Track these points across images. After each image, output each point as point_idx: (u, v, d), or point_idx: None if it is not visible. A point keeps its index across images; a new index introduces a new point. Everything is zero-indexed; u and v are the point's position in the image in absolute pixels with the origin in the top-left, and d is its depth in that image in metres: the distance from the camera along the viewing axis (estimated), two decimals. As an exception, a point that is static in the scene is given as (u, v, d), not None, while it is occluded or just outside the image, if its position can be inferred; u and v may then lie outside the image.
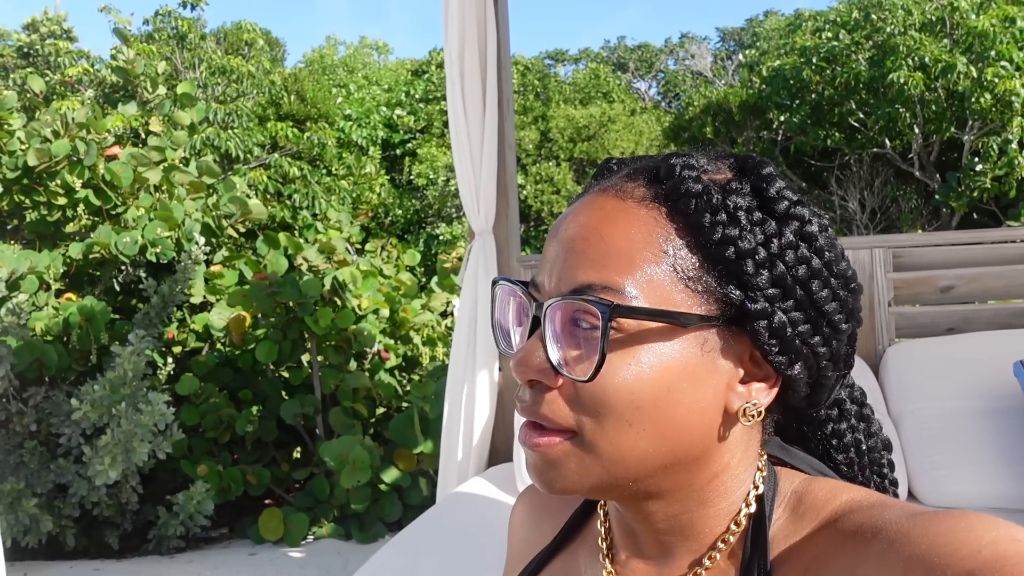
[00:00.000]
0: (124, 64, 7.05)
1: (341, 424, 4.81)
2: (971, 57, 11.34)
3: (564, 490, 0.64)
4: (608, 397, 0.61)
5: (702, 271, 0.62)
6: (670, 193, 0.63)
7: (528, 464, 0.66)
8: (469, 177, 2.82)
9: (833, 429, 0.76)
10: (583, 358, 0.62)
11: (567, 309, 0.63)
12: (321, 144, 10.40)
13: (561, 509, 0.83)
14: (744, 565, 0.65)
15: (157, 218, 5.22)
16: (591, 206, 0.66)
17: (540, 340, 0.63)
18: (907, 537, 0.54)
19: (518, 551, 0.87)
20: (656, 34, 62.95)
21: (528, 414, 0.64)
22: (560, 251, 0.65)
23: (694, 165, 0.65)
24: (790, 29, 17.35)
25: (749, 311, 0.62)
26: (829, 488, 0.66)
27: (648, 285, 0.61)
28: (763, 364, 0.65)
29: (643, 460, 0.62)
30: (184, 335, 5.44)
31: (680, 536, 0.68)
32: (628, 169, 0.69)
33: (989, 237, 2.91)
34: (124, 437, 4.06)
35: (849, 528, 0.59)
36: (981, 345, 2.66)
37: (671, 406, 0.61)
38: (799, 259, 0.63)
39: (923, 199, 13.84)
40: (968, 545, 0.51)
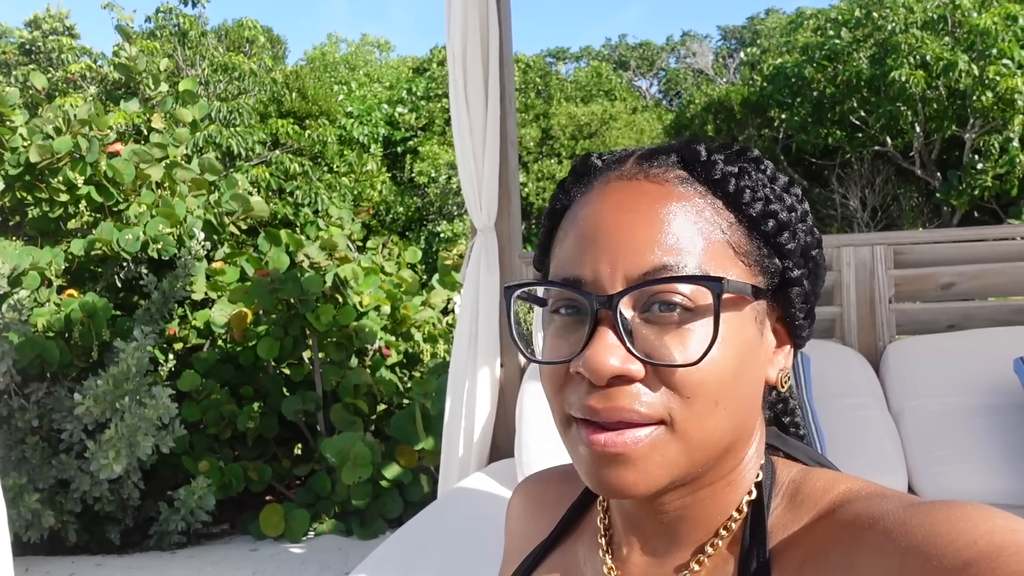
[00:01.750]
0: (126, 61, 7.06)
1: (342, 420, 4.81)
2: (973, 55, 11.33)
3: (644, 491, 0.62)
4: (704, 376, 0.60)
5: (750, 245, 0.64)
6: (706, 173, 0.65)
7: (596, 468, 0.62)
8: (471, 174, 2.82)
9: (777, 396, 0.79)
10: (678, 342, 0.60)
11: (640, 295, 0.61)
12: (322, 141, 10.40)
13: (558, 502, 0.82)
14: (743, 554, 0.65)
15: (159, 215, 5.22)
16: (628, 191, 0.65)
17: (615, 332, 0.60)
18: (904, 527, 0.54)
19: (515, 544, 0.86)
20: (658, 32, 62.89)
21: (609, 414, 0.61)
22: (608, 239, 0.63)
23: (716, 148, 0.67)
24: (791, 27, 17.34)
25: (789, 279, 0.66)
26: (827, 478, 0.66)
27: (715, 263, 0.62)
28: (780, 332, 0.69)
29: (721, 441, 0.63)
30: (186, 332, 5.45)
31: (690, 524, 0.68)
32: (636, 156, 0.69)
33: (990, 234, 2.91)
34: (128, 431, 4.06)
35: (847, 518, 0.60)
36: (981, 342, 2.66)
37: (741, 381, 0.63)
38: (808, 229, 0.68)
39: (924, 197, 13.84)
40: (965, 535, 0.51)
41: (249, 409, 4.98)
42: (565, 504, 0.82)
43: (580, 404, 0.62)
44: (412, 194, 13.36)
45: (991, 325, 2.79)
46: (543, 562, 0.78)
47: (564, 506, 0.81)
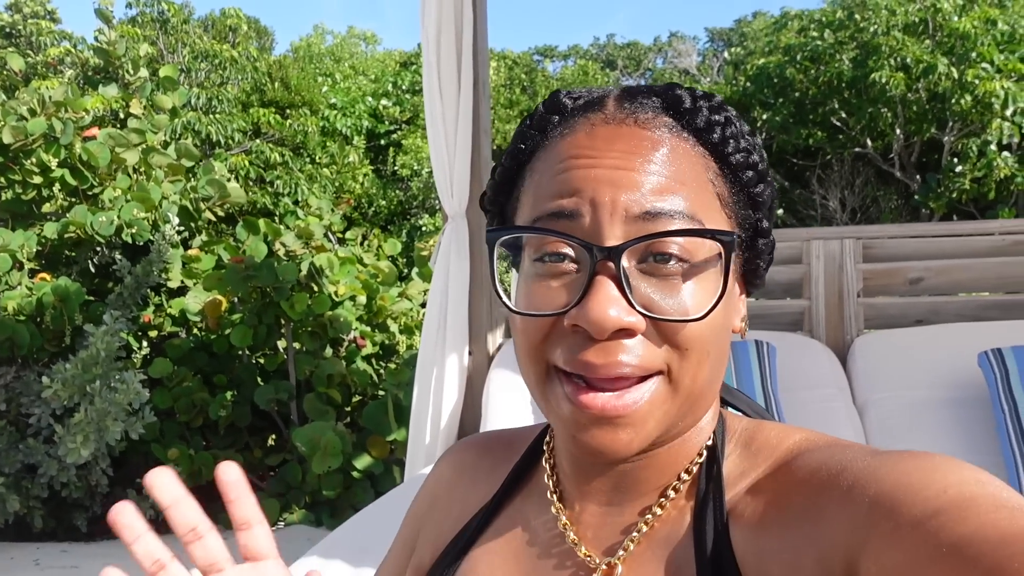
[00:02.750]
0: (106, 46, 6.98)
1: (315, 410, 4.79)
2: (952, 58, 11.42)
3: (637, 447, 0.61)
4: (702, 331, 0.60)
5: (732, 195, 0.64)
6: (695, 123, 0.63)
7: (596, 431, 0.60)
8: (443, 160, 2.81)
9: None
10: (673, 291, 0.59)
11: (644, 246, 0.59)
12: (304, 132, 10.35)
13: (497, 467, 0.81)
14: (700, 498, 0.65)
15: (134, 199, 5.18)
16: (624, 136, 0.62)
17: (616, 284, 0.58)
18: (874, 474, 0.54)
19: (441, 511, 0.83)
20: (646, 34, 63.02)
21: (609, 369, 0.58)
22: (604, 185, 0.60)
23: (701, 95, 0.65)
24: (776, 28, 17.41)
25: (762, 229, 0.66)
26: (780, 428, 0.67)
27: (709, 213, 0.61)
28: (740, 280, 0.69)
29: (706, 391, 0.63)
30: (160, 319, 5.41)
31: (653, 471, 0.67)
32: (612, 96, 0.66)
33: (959, 230, 2.93)
34: (97, 416, 4.03)
35: (811, 465, 0.60)
36: (948, 337, 2.68)
37: (723, 331, 0.63)
38: (771, 180, 0.68)
39: (903, 199, 13.93)
40: (934, 485, 0.51)
41: (221, 398, 4.94)
42: (505, 467, 0.80)
43: (573, 359, 0.60)
44: (395, 187, 13.32)
45: (958, 320, 2.81)
46: (489, 526, 0.76)
47: (505, 469, 0.80)
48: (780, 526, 0.59)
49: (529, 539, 0.73)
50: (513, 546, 0.73)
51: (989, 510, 0.48)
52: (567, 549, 0.70)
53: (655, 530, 0.67)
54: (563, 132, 0.65)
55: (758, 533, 0.60)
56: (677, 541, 0.65)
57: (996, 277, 2.81)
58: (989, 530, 0.46)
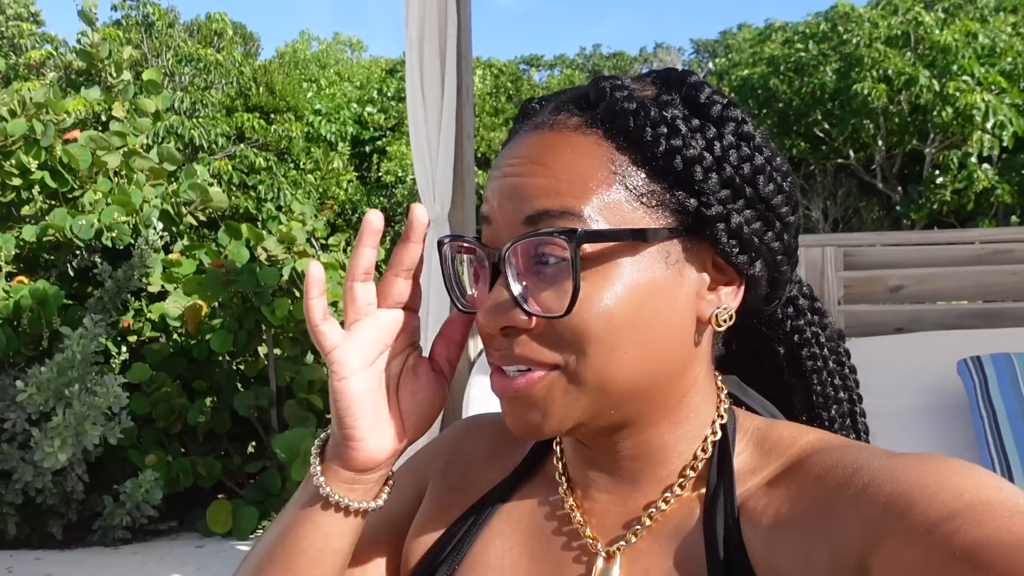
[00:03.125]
0: (89, 48, 6.94)
1: (295, 417, 4.76)
2: (934, 71, 11.54)
3: (552, 430, 0.63)
4: (587, 327, 0.60)
5: (653, 185, 0.62)
6: (606, 115, 0.63)
7: (508, 413, 0.65)
8: (426, 165, 2.80)
9: (792, 326, 0.78)
10: (554, 293, 0.60)
11: (528, 246, 0.61)
12: (288, 137, 10.32)
13: (513, 449, 0.81)
14: (710, 494, 0.65)
15: (115, 203, 5.13)
16: (528, 142, 0.65)
17: (505, 285, 0.62)
18: (891, 474, 0.54)
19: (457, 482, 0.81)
20: (632, 44, 63.34)
21: (506, 360, 0.63)
22: (505, 190, 0.63)
23: (623, 85, 0.65)
24: (760, 39, 17.54)
25: (706, 216, 0.62)
26: (794, 428, 0.67)
27: (605, 208, 0.61)
28: (726, 268, 0.66)
29: (627, 383, 0.62)
30: (140, 324, 5.36)
31: (648, 463, 0.68)
32: (554, 102, 0.68)
33: (940, 238, 2.95)
34: (75, 419, 3.98)
35: (826, 463, 0.60)
36: (928, 344, 2.68)
37: (648, 323, 0.62)
38: (742, 158, 0.64)
39: (885, 210, 14.05)
40: (952, 487, 0.51)
41: (200, 403, 4.90)
42: (521, 450, 0.80)
43: (490, 351, 0.65)
44: (379, 194, 13.30)
45: (938, 328, 2.82)
46: (503, 505, 0.76)
47: (520, 452, 0.80)
48: (793, 522, 0.59)
49: (538, 520, 0.74)
50: (521, 527, 0.74)
51: (1004, 515, 0.48)
52: (573, 530, 0.71)
53: (660, 524, 0.67)
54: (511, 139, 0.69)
55: (770, 529, 0.60)
56: (686, 534, 0.65)
57: (976, 286, 2.82)
58: (1004, 535, 0.46)
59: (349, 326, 0.67)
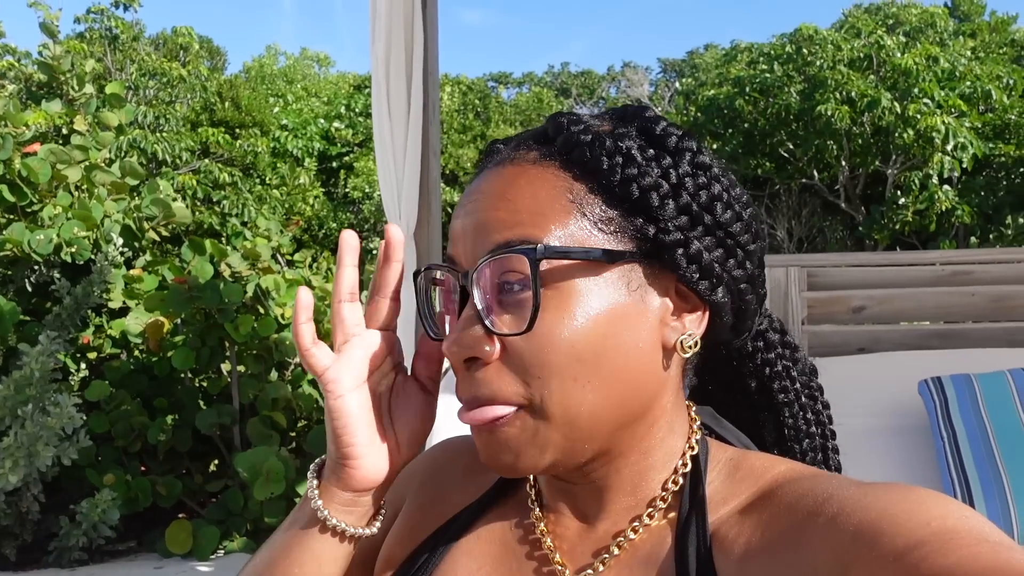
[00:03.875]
0: (50, 61, 6.84)
1: (259, 435, 4.69)
2: (896, 94, 11.76)
3: (526, 469, 0.63)
4: (548, 354, 0.60)
5: (610, 212, 0.63)
6: (563, 147, 0.65)
7: (482, 448, 0.65)
8: (392, 182, 2.79)
9: (763, 359, 0.78)
10: (517, 315, 0.61)
11: (493, 272, 0.62)
12: (254, 152, 10.24)
13: (486, 471, 0.81)
14: (682, 522, 0.65)
15: (75, 217, 5.05)
16: (490, 178, 0.66)
17: (472, 311, 0.62)
18: (859, 503, 0.55)
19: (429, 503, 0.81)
20: (600, 63, 63.98)
21: (472, 399, 0.63)
22: (469, 223, 0.65)
23: (579, 119, 0.67)
24: (726, 60, 17.77)
25: (664, 243, 0.64)
26: (765, 458, 0.68)
27: (565, 236, 0.62)
28: (689, 295, 0.67)
29: (594, 415, 0.62)
30: (100, 341, 5.26)
31: (617, 492, 0.68)
32: (516, 141, 0.70)
33: (900, 259, 2.99)
34: (28, 440, 3.89)
35: (796, 493, 0.60)
36: (889, 365, 2.71)
37: (611, 352, 0.62)
38: (699, 186, 0.65)
39: (848, 230, 14.26)
40: (918, 516, 0.52)
41: (161, 421, 4.81)
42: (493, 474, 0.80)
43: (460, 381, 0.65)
44: (346, 210, 13.24)
45: (899, 349, 2.85)
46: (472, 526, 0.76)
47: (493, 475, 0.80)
48: (764, 552, 0.59)
49: (508, 543, 0.74)
50: (491, 549, 0.74)
51: (971, 544, 0.48)
52: (543, 555, 0.71)
53: (630, 553, 0.67)
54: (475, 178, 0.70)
55: (742, 558, 0.60)
56: (658, 564, 0.65)
57: (936, 306, 2.86)
58: (970, 564, 0.47)
59: (339, 347, 0.69)
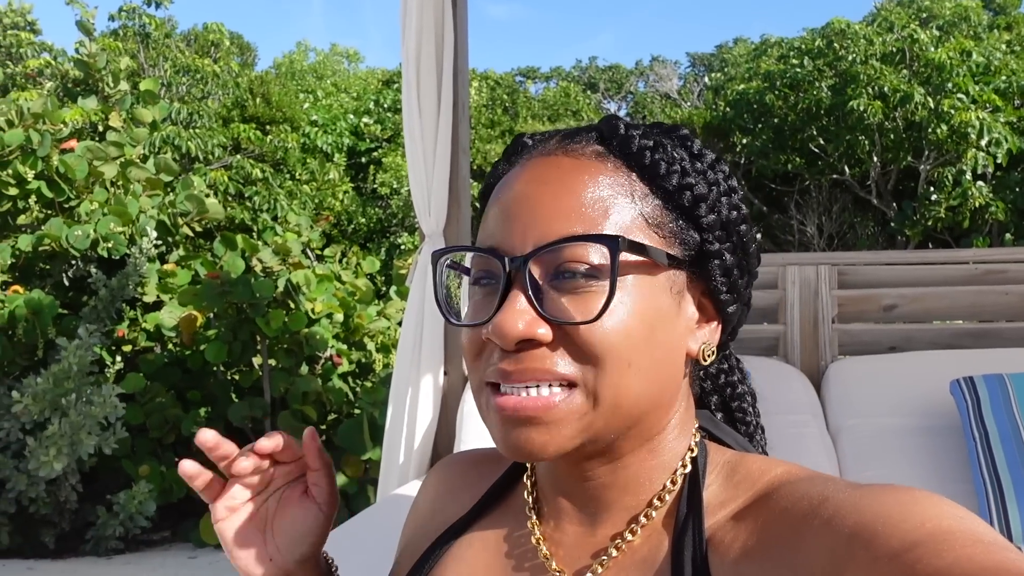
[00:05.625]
0: (86, 58, 6.95)
1: (289, 428, 4.75)
2: (929, 88, 11.59)
3: (555, 451, 0.63)
4: (609, 337, 0.61)
5: (665, 216, 0.65)
6: (622, 147, 0.66)
7: (507, 433, 0.63)
8: (421, 179, 2.80)
9: (727, 380, 0.80)
10: (578, 303, 0.61)
11: (549, 261, 0.62)
12: (284, 148, 10.32)
13: (479, 482, 0.82)
14: (679, 525, 0.65)
15: (111, 213, 5.14)
16: (545, 166, 0.67)
17: (522, 294, 0.62)
18: (855, 506, 0.55)
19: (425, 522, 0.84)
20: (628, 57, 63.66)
21: (520, 376, 0.62)
22: (522, 210, 0.65)
23: (635, 124, 0.69)
24: (756, 54, 17.61)
25: (707, 252, 0.67)
26: (763, 461, 0.68)
27: (625, 231, 0.63)
28: (707, 307, 0.70)
29: (637, 403, 0.63)
30: (135, 334, 5.35)
31: (618, 492, 0.68)
32: (560, 135, 0.70)
33: (933, 258, 2.96)
34: (71, 429, 3.97)
35: (793, 496, 0.61)
36: (921, 364, 2.69)
37: (655, 346, 0.63)
38: (732, 205, 0.69)
39: (880, 226, 14.08)
40: (913, 517, 0.52)
41: (195, 414, 4.89)
42: (488, 482, 0.81)
43: (494, 368, 0.63)
44: (374, 205, 13.29)
45: (931, 348, 2.82)
46: (464, 534, 0.77)
47: (487, 483, 0.81)
48: (760, 555, 0.59)
49: (503, 551, 0.74)
50: (486, 556, 0.75)
51: (966, 544, 0.49)
52: (539, 564, 0.71)
53: (627, 555, 0.67)
54: (509, 169, 0.71)
55: (738, 561, 0.61)
56: (654, 566, 0.65)
57: (969, 305, 2.83)
58: (965, 564, 0.47)
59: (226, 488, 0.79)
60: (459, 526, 0.78)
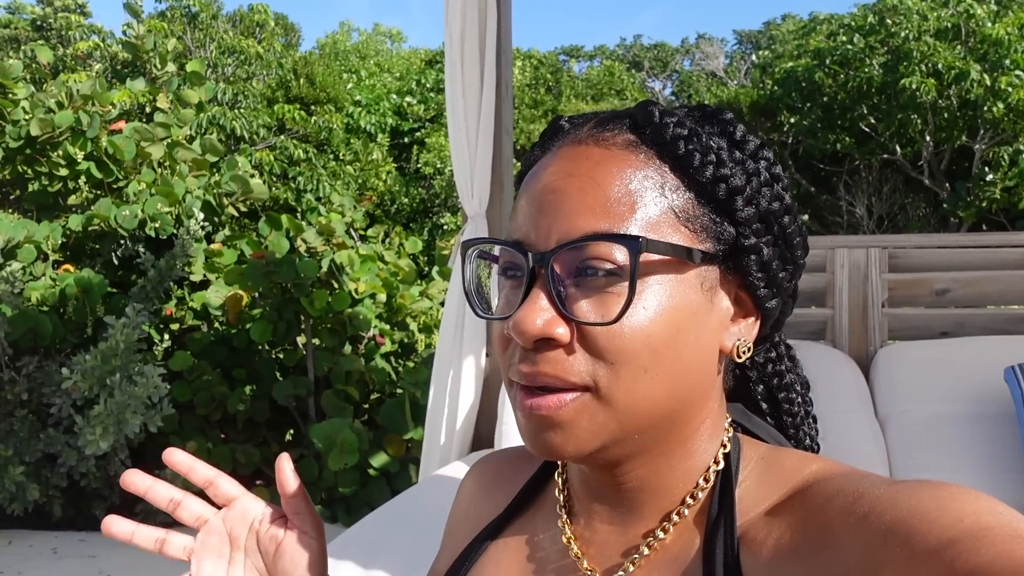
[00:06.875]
0: (134, 40, 7.05)
1: (333, 407, 4.80)
2: (985, 65, 11.26)
3: (573, 452, 0.62)
4: (626, 342, 0.59)
5: (698, 210, 0.63)
6: (655, 136, 0.64)
7: (528, 431, 0.63)
8: (464, 160, 2.80)
9: (774, 369, 0.78)
10: (598, 303, 0.60)
11: (573, 257, 0.61)
12: (328, 128, 10.38)
13: (514, 479, 0.82)
14: (711, 523, 0.64)
15: (158, 193, 5.21)
16: (574, 156, 0.64)
17: (544, 291, 0.61)
18: (891, 501, 0.54)
19: (462, 521, 0.85)
20: (674, 35, 62.80)
21: (534, 379, 0.61)
22: (548, 203, 0.63)
23: (671, 111, 0.66)
24: (805, 31, 17.26)
25: (742, 246, 0.64)
26: (798, 456, 0.67)
27: (651, 226, 0.61)
28: (745, 301, 0.67)
29: (655, 408, 0.62)
30: (183, 313, 5.44)
31: (651, 493, 0.67)
32: (594, 120, 0.68)
33: (988, 241, 2.88)
34: (117, 408, 4.05)
35: (827, 492, 0.59)
36: (974, 350, 2.63)
37: (679, 347, 0.61)
38: (774, 196, 0.66)
39: (932, 207, 13.77)
40: (951, 513, 0.51)
41: (240, 392, 4.96)
42: (522, 480, 0.81)
43: (514, 368, 0.63)
44: (417, 185, 13.32)
45: (984, 334, 2.76)
46: (498, 536, 0.77)
47: (521, 482, 0.81)
48: (794, 553, 0.58)
49: (534, 551, 0.74)
50: (519, 556, 0.74)
51: (1005, 540, 0.47)
52: (569, 563, 0.70)
53: (659, 553, 0.66)
54: (541, 156, 0.69)
55: (771, 559, 0.59)
56: (686, 564, 0.64)
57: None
58: (1005, 560, 0.46)
59: None
60: (494, 526, 0.78)
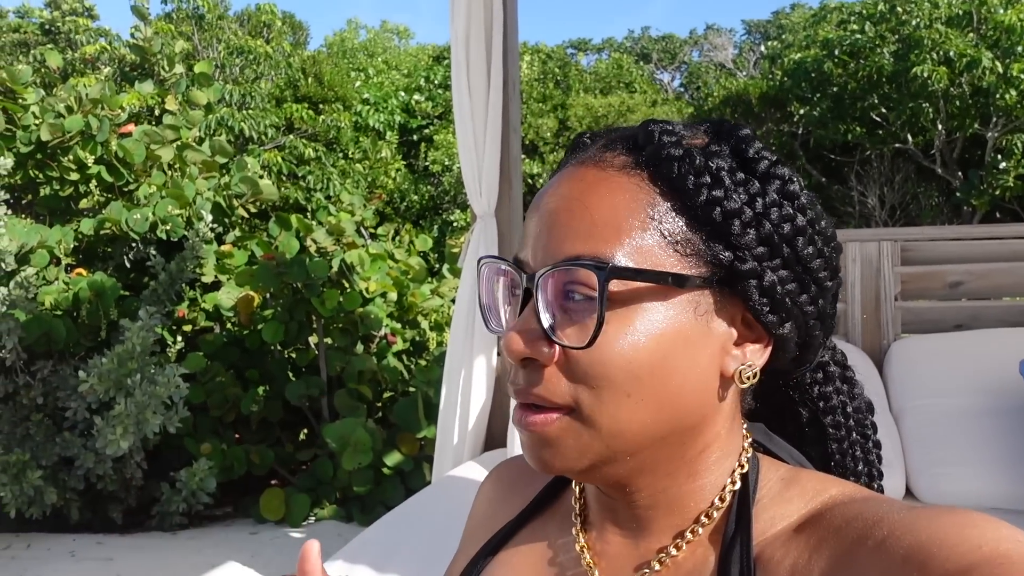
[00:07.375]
0: (141, 42, 7.07)
1: (346, 406, 4.80)
2: (997, 52, 11.17)
3: (563, 469, 0.64)
4: (605, 368, 0.60)
5: (690, 234, 0.62)
6: (651, 158, 0.63)
7: (524, 445, 0.65)
8: (472, 159, 2.79)
9: (819, 392, 0.76)
10: (579, 328, 0.61)
11: (558, 280, 0.61)
12: (337, 127, 10.39)
13: (531, 484, 0.82)
14: (726, 542, 0.64)
15: (168, 196, 5.22)
16: (571, 178, 0.65)
17: (533, 312, 0.62)
18: (910, 527, 0.54)
19: (479, 525, 0.85)
20: (682, 26, 62.49)
21: (522, 396, 0.63)
22: (543, 225, 0.64)
23: (672, 130, 0.65)
24: (815, 21, 17.16)
25: (739, 271, 0.62)
26: (819, 479, 0.66)
27: (638, 252, 0.60)
28: (755, 325, 0.65)
29: (642, 431, 0.62)
30: (195, 314, 5.46)
31: (663, 511, 0.67)
32: (604, 140, 0.68)
33: (1001, 232, 2.85)
34: (137, 408, 4.07)
35: (846, 516, 0.59)
36: (988, 342, 2.61)
37: (668, 373, 0.61)
38: (784, 217, 0.63)
39: (944, 196, 13.68)
40: (970, 540, 0.51)
41: (254, 393, 4.97)
42: (539, 486, 0.81)
43: (511, 382, 0.65)
44: (426, 182, 13.33)
45: (999, 326, 2.74)
46: (512, 539, 0.78)
47: (538, 487, 0.81)
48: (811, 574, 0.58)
49: (547, 557, 0.74)
50: (531, 561, 0.75)
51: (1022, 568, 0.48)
52: (582, 572, 0.70)
53: (671, 570, 0.66)
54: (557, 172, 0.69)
55: None
56: None
57: (1040, 281, 2.73)
58: None
59: None
60: (508, 530, 0.79)
